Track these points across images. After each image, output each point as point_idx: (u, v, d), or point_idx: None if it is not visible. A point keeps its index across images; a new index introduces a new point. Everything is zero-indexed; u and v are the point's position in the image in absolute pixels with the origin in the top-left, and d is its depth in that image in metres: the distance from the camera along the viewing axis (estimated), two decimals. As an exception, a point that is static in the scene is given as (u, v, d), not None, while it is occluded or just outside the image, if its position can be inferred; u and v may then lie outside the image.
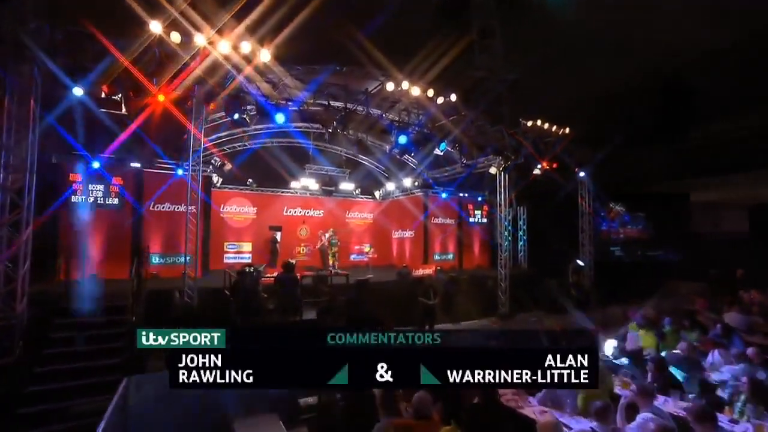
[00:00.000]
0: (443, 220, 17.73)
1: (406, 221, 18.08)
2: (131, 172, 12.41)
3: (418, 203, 17.49)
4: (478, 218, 18.60)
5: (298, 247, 17.70)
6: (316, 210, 17.98)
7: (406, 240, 18.12)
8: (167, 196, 12.45)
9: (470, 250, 18.44)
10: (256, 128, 14.72)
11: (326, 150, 17.64)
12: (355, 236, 18.86)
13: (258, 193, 16.75)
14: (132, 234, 12.22)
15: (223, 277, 11.00)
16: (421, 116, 10.27)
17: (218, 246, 15.83)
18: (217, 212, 15.92)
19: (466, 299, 13.17)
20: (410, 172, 17.91)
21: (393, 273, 14.35)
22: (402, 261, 17.99)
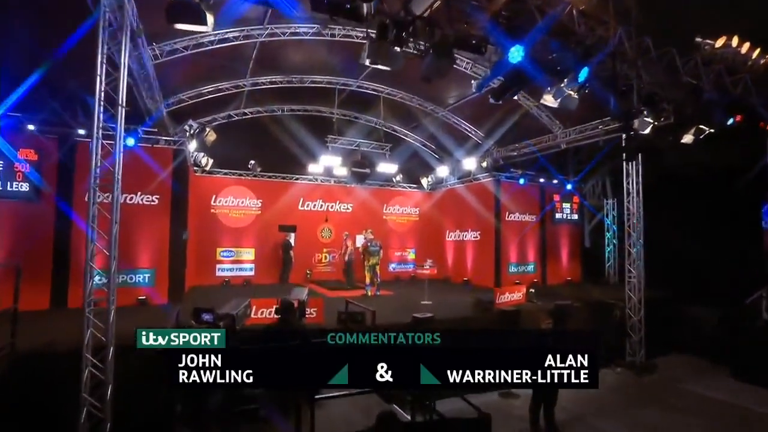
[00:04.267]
0: (521, 217, 13.07)
1: (467, 218, 13.81)
2: (51, 143, 8.00)
3: (485, 193, 13.11)
4: (566, 214, 13.62)
5: (319, 255, 13.54)
6: (343, 203, 14.28)
7: (467, 244, 13.56)
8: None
9: (556, 258, 13.72)
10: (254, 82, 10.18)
11: (355, 122, 13.13)
12: (396, 238, 14.22)
13: (263, 180, 13.16)
14: (55, 240, 7.82)
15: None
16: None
17: (208, 253, 12.16)
18: (205, 205, 12.15)
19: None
20: (473, 150, 13.06)
21: (454, 294, 10.82)
22: (460, 273, 13.70)
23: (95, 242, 5.40)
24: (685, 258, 10.62)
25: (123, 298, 8.10)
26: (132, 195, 8.71)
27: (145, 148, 8.79)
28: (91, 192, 5.25)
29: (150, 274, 8.77)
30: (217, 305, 8.80)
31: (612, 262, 13.10)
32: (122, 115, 5.43)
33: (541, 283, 12.92)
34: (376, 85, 11.59)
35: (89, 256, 5.27)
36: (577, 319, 8.95)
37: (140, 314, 7.84)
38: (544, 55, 5.61)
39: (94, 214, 5.35)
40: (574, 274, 13.89)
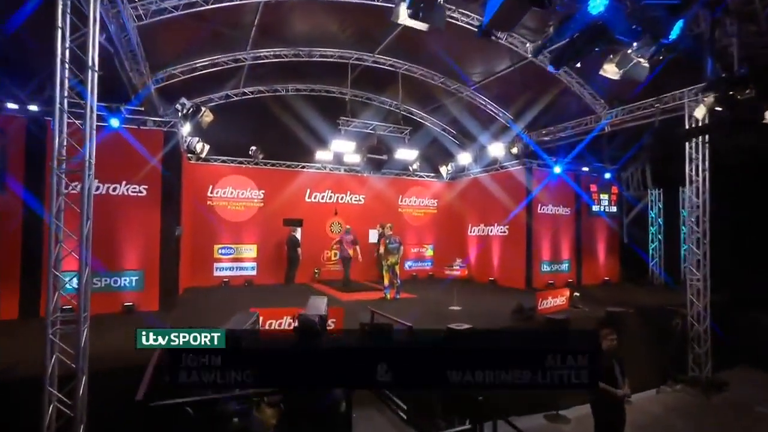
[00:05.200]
0: (554, 209, 12.01)
1: (493, 210, 12.71)
2: (19, 122, 6.99)
3: (514, 183, 11.99)
4: (604, 206, 12.55)
5: (328, 252, 12.68)
6: (354, 194, 13.25)
7: (493, 240, 12.57)
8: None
9: (593, 255, 12.69)
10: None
11: (369, 104, 12.16)
12: (412, 233, 13.29)
13: (266, 168, 12.22)
14: (24, 239, 6.82)
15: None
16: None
17: (205, 251, 11.26)
18: (201, 197, 11.25)
19: (635, 353, 7.23)
20: (500, 134, 12.01)
21: (483, 297, 10.09)
22: (485, 272, 12.64)
23: (62, 243, 4.38)
24: (747, 256, 9.56)
25: (106, 305, 7.25)
26: (116, 185, 7.63)
27: (132, 130, 7.71)
28: (54, 179, 4.20)
29: (138, 276, 7.74)
30: (217, 313, 7.87)
31: (657, 261, 12.02)
32: (94, 80, 4.36)
33: (575, 284, 11.92)
34: (394, 60, 10.49)
35: (52, 261, 4.24)
36: (631, 329, 7.95)
37: (124, 325, 6.82)
38: (630, 7, 4.51)
39: (60, 208, 4.32)
40: (612, 273, 12.80)
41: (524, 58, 9.17)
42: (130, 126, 7.72)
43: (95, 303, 7.02)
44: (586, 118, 10.34)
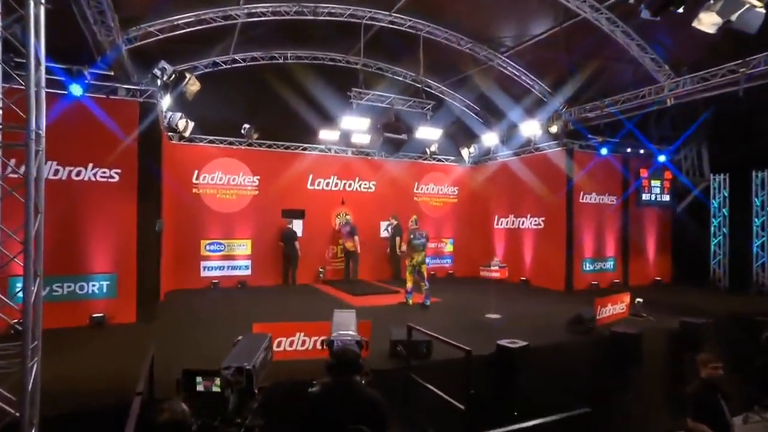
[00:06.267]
0: (598, 198, 11.18)
1: (525, 199, 11.98)
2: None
3: (552, 168, 11.27)
4: (655, 194, 11.72)
5: (334, 248, 12.13)
6: (364, 180, 12.48)
7: (525, 233, 11.89)
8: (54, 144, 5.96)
9: (641, 251, 12.01)
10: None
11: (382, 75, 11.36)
12: (430, 225, 12.67)
13: (261, 150, 11.63)
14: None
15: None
16: None
17: (190, 247, 10.62)
18: (185, 184, 10.59)
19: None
20: (535, 110, 11.18)
21: (520, 300, 9.46)
22: (516, 271, 11.79)
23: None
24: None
25: (68, 317, 6.38)
26: (80, 168, 6.73)
27: (99, 100, 6.77)
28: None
29: (109, 281, 6.86)
30: (208, 325, 6.98)
31: (720, 258, 11.17)
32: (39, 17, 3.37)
33: (622, 284, 11.13)
34: (415, 21, 9.56)
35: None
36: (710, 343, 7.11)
37: (92, 342, 5.92)
38: None
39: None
40: (664, 272, 12.05)
41: (575, 15, 8.33)
42: (97, 95, 6.77)
43: (56, 315, 6.19)
44: (643, 89, 9.39)
